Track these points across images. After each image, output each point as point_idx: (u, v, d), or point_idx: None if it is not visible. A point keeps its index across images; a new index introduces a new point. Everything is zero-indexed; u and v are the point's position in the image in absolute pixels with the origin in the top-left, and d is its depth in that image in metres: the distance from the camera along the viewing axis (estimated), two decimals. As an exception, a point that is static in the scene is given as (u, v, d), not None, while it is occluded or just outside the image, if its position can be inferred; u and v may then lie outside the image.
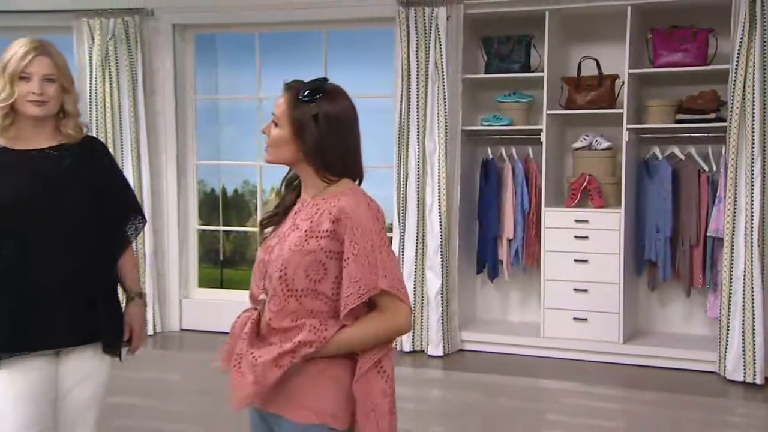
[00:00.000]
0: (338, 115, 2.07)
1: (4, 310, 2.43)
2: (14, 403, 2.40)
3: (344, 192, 2.05)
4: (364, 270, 1.96)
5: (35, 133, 2.50)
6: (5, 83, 2.42)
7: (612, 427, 4.56)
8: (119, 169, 2.78)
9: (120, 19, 6.45)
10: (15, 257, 2.44)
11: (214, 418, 4.53)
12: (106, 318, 2.58)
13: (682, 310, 5.88)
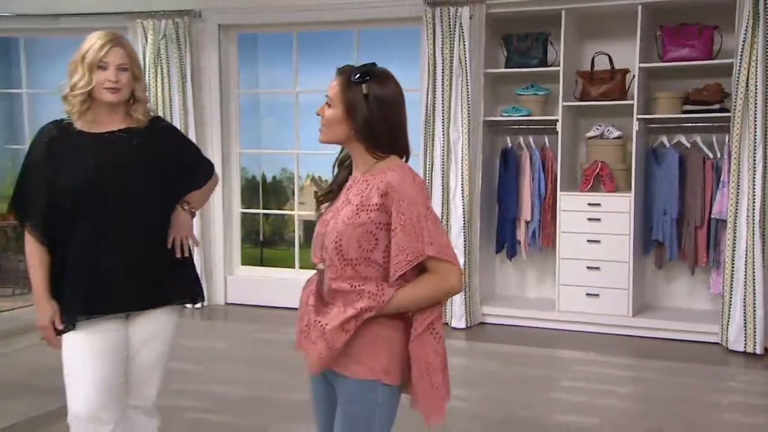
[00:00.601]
0: (386, 95, 2.09)
1: (78, 283, 2.47)
2: (91, 360, 2.45)
3: (391, 167, 2.07)
4: (410, 239, 1.98)
5: (109, 118, 2.52)
6: (84, 72, 2.44)
7: (622, 393, 4.57)
8: (187, 139, 2.78)
9: (171, 20, 6.52)
10: (87, 240, 2.46)
11: (257, 382, 4.63)
12: (174, 282, 2.61)
13: (687, 286, 5.87)
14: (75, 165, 2.47)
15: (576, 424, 3.99)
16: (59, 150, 2.49)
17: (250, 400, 4.30)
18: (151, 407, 2.65)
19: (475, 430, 3.94)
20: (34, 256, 2.52)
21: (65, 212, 2.47)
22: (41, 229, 2.49)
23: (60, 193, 2.46)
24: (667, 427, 3.97)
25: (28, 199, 2.52)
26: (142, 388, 2.61)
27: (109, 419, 2.47)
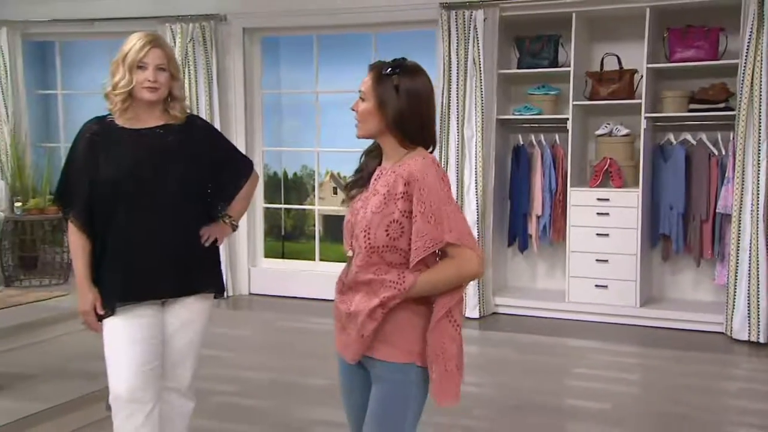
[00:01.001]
0: (416, 87, 2.08)
1: (117, 270, 2.48)
2: (130, 344, 2.46)
3: (414, 158, 2.06)
4: (429, 226, 1.97)
5: (147, 115, 2.52)
6: (125, 72, 2.44)
7: (631, 379, 4.56)
8: (220, 134, 2.76)
9: (198, 24, 6.53)
10: (126, 230, 2.47)
11: (282, 367, 4.64)
12: (207, 272, 2.62)
13: (692, 278, 5.83)
14: (115, 159, 2.48)
15: (588, 409, 3.97)
16: (101, 144, 2.50)
17: (276, 385, 4.30)
18: (187, 389, 2.65)
19: (491, 414, 3.93)
20: (76, 245, 2.53)
21: (105, 203, 2.47)
22: (83, 218, 2.50)
23: (101, 184, 2.47)
24: (677, 412, 3.95)
25: (71, 190, 2.53)
26: (177, 371, 2.61)
27: (148, 400, 2.48)
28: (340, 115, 7.44)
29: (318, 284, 6.54)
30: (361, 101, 2.11)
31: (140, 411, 2.47)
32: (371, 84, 2.09)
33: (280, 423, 3.75)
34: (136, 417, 2.46)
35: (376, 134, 2.11)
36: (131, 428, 2.47)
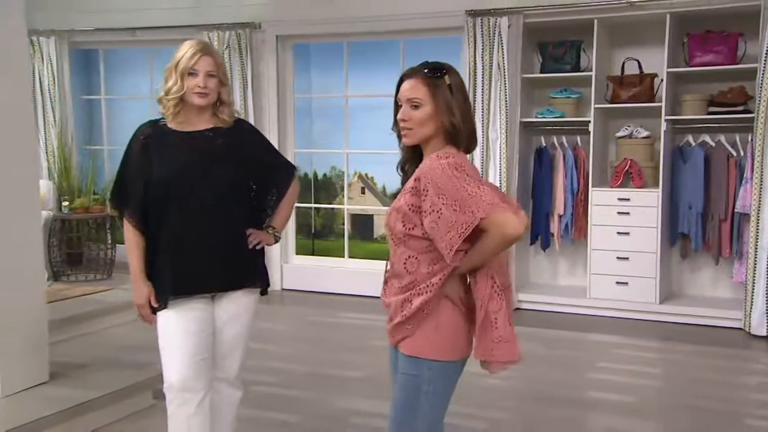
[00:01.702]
0: (461, 83, 2.08)
1: (170, 264, 2.51)
2: (182, 336, 2.49)
3: (430, 156, 2.04)
4: (457, 213, 1.92)
5: (197, 118, 2.55)
6: (177, 78, 2.47)
7: (653, 373, 4.53)
8: (265, 138, 2.77)
9: (234, 31, 6.58)
10: (177, 227, 2.50)
11: (317, 360, 4.66)
12: (253, 268, 2.64)
13: (710, 275, 5.78)
14: (167, 160, 2.51)
15: (613, 402, 3.95)
16: (154, 147, 2.53)
17: (314, 376, 4.33)
18: (235, 379, 2.68)
19: (520, 406, 3.93)
20: (131, 242, 2.56)
21: (158, 202, 2.50)
22: (138, 217, 2.53)
23: (154, 184, 2.50)
24: (699, 405, 3.92)
25: (126, 190, 2.57)
26: (226, 362, 2.63)
27: (199, 389, 2.51)
28: (369, 119, 7.50)
29: (347, 280, 6.57)
30: (413, 109, 2.04)
31: (192, 400, 2.50)
32: (425, 89, 2.03)
33: (319, 413, 3.77)
34: (188, 405, 2.49)
35: (429, 138, 2.06)
36: (184, 416, 2.50)
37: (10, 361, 3.52)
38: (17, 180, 3.58)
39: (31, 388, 3.60)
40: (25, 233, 3.64)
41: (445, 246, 1.96)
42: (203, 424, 2.51)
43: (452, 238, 1.94)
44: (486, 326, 2.00)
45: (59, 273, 6.30)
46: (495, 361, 2.03)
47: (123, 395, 3.71)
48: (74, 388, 3.65)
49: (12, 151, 3.55)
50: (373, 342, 5.04)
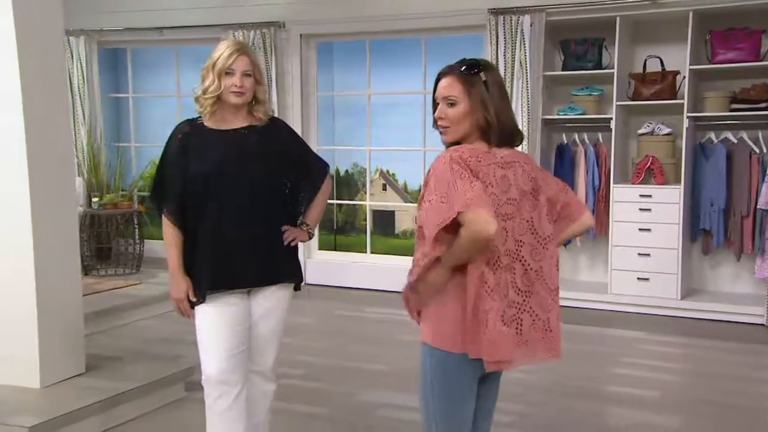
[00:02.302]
0: (499, 80, 2.06)
1: (208, 260, 2.52)
2: (220, 330, 2.51)
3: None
4: (443, 205, 1.92)
5: (233, 117, 2.56)
6: (214, 77, 2.48)
7: (675, 368, 4.51)
8: (298, 136, 2.77)
9: (259, 30, 6.61)
10: (214, 223, 2.51)
11: (343, 353, 4.69)
12: (287, 263, 2.66)
13: (732, 271, 5.73)
14: (204, 157, 2.52)
15: (637, 397, 3.94)
16: (191, 144, 2.55)
17: (339, 369, 4.35)
18: (270, 372, 2.69)
19: (544, 400, 3.92)
20: (170, 238, 2.58)
21: (196, 199, 2.52)
22: (176, 213, 2.55)
23: (192, 181, 2.52)
24: (722, 401, 3.90)
25: (165, 187, 2.58)
26: (261, 355, 2.65)
27: (236, 382, 2.53)
28: (391, 116, 7.48)
29: (369, 275, 6.59)
30: (449, 107, 2.02)
31: (230, 392, 2.52)
32: (461, 86, 2.01)
33: (345, 405, 3.80)
34: (225, 398, 2.51)
35: (466, 135, 2.05)
36: (221, 408, 2.52)
37: (49, 353, 3.56)
38: (55, 177, 3.62)
39: (68, 379, 3.65)
40: (63, 228, 3.68)
41: (428, 235, 1.97)
42: (240, 416, 2.53)
43: (432, 227, 1.94)
44: (476, 324, 1.97)
45: (89, 267, 6.35)
46: (486, 361, 1.98)
47: (156, 387, 3.74)
48: (109, 379, 3.69)
49: (51, 149, 3.59)
50: (397, 336, 5.06)
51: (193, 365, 3.99)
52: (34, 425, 3.12)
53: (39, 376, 3.51)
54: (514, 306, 2.02)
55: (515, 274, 2.02)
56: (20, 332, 3.51)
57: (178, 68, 7.57)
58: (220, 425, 2.52)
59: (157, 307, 5.66)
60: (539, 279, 2.05)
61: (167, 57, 7.61)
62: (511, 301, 2.01)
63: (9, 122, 3.45)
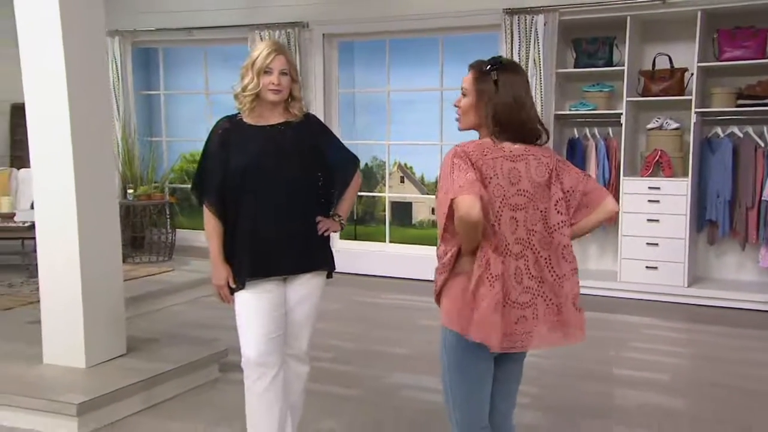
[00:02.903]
0: (514, 83, 2.04)
1: (247, 249, 2.54)
2: (258, 315, 2.54)
3: None
4: (445, 196, 1.96)
5: (271, 113, 2.57)
6: (254, 76, 2.50)
7: (682, 353, 4.51)
8: (330, 131, 2.78)
9: (284, 30, 6.62)
10: (253, 214, 2.53)
11: (368, 337, 4.72)
12: (321, 252, 2.67)
13: (736, 260, 5.71)
14: (244, 152, 2.54)
15: (646, 379, 3.94)
16: (231, 140, 2.56)
17: (365, 353, 4.39)
18: (304, 355, 2.71)
19: (559, 382, 3.93)
20: (211, 228, 2.60)
21: (236, 191, 2.54)
22: (217, 205, 2.57)
23: (232, 174, 2.53)
24: (729, 384, 3.90)
25: (206, 179, 2.60)
26: (295, 339, 2.67)
27: (273, 364, 2.56)
28: (409, 112, 7.47)
29: (388, 263, 6.61)
30: (463, 97, 2.09)
31: (268, 374, 2.54)
32: (472, 80, 2.06)
33: (372, 386, 3.83)
34: (264, 379, 2.54)
35: (476, 127, 2.08)
36: (261, 389, 2.55)
37: (93, 334, 3.62)
38: (98, 172, 3.67)
39: (111, 360, 3.71)
40: (106, 218, 3.73)
41: (439, 227, 2.03)
42: (277, 397, 2.56)
43: (440, 219, 2.00)
44: (470, 304, 1.99)
45: (125, 255, 6.34)
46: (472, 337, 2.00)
47: (192, 368, 3.79)
48: (148, 360, 3.74)
49: (94, 146, 3.63)
50: (416, 321, 5.09)
51: (227, 348, 4.05)
52: (82, 402, 3.18)
53: (84, 356, 3.57)
54: (529, 292, 2.03)
55: (528, 261, 2.03)
56: (67, 317, 3.58)
57: (206, 67, 7.61)
58: (258, 404, 2.55)
59: (189, 292, 5.72)
60: (547, 266, 2.07)
61: (196, 56, 7.64)
62: (525, 287, 2.02)
63: (57, 121, 3.50)
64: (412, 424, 3.35)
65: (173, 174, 7.78)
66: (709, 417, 3.46)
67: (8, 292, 5.31)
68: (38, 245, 3.66)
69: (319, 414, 3.34)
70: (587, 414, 3.48)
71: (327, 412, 3.40)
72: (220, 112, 2.63)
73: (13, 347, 3.92)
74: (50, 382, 3.43)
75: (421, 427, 3.32)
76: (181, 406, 3.55)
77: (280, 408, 2.56)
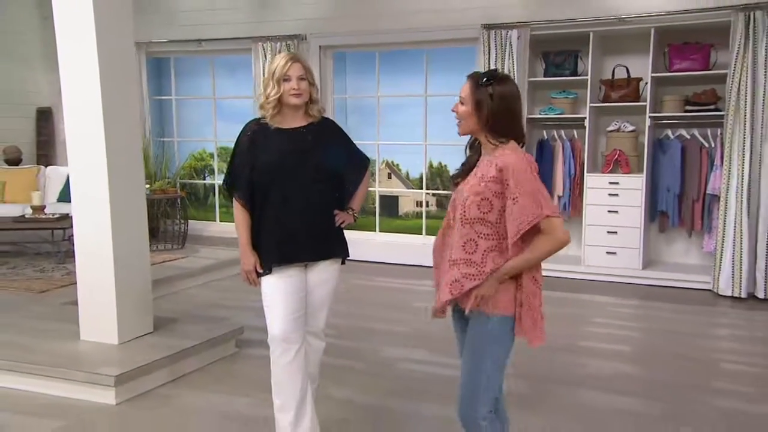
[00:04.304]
0: (506, 94, 2.04)
1: (273, 240, 2.55)
2: (283, 297, 2.55)
3: (507, 150, 2.03)
4: (532, 204, 1.94)
5: (292, 117, 2.58)
6: (274, 84, 2.51)
7: (640, 327, 4.61)
8: (345, 134, 2.76)
9: (284, 42, 6.60)
10: (278, 207, 2.53)
11: (363, 315, 4.75)
12: (337, 242, 2.69)
13: (684, 246, 5.84)
14: (269, 151, 2.55)
15: (611, 351, 4.04)
16: (258, 141, 2.57)
17: (362, 330, 4.43)
18: (321, 332, 2.73)
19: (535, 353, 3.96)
20: (240, 219, 2.60)
21: (264, 186, 2.54)
22: (246, 198, 2.57)
23: (258, 171, 2.54)
24: (681, 353, 4.01)
25: (236, 175, 2.60)
26: (314, 318, 2.68)
27: (296, 340, 2.57)
28: (396, 116, 7.48)
29: (378, 250, 6.65)
30: (460, 104, 2.09)
31: (291, 349, 2.56)
32: (469, 91, 2.06)
33: (373, 360, 3.88)
34: (288, 354, 2.55)
35: (473, 132, 2.10)
36: (285, 363, 2.56)
37: (125, 314, 3.62)
38: (129, 164, 3.67)
39: (140, 337, 3.72)
40: (135, 207, 3.72)
41: (513, 227, 1.96)
42: (299, 369, 2.57)
43: (521, 223, 1.94)
44: (532, 316, 2.04)
45: (142, 244, 6.37)
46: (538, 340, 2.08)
47: (212, 344, 3.80)
48: (173, 338, 3.75)
49: (126, 142, 3.64)
50: (407, 302, 5.15)
51: (243, 326, 4.07)
52: (119, 374, 3.19)
53: (117, 334, 3.57)
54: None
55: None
56: (101, 298, 3.58)
57: (213, 74, 7.55)
58: (283, 375, 2.57)
59: (202, 277, 5.72)
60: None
61: (204, 65, 7.59)
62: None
63: (92, 121, 3.49)
64: (412, 391, 3.41)
65: (183, 171, 7.73)
66: (664, 380, 3.56)
67: (42, 277, 5.27)
68: (75, 234, 3.65)
69: (331, 383, 3.37)
70: (556, 381, 3.55)
71: (338, 382, 3.44)
72: (226, 115, 2.64)
73: (51, 326, 3.91)
74: (88, 356, 3.44)
75: (420, 393, 3.38)
76: (203, 378, 3.57)
77: (302, 378, 2.58)
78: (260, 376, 3.52)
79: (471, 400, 2.12)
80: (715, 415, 3.12)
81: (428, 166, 6.94)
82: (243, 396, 3.31)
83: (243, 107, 7.19)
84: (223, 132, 7.50)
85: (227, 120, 7.53)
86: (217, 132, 7.56)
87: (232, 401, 3.27)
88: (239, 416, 3.10)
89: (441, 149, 6.82)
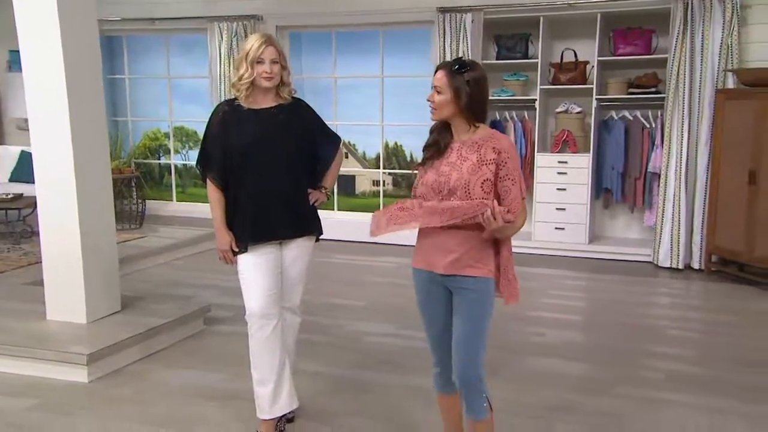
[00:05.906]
0: (480, 78, 2.14)
1: (248, 219, 2.57)
2: (260, 274, 2.57)
3: (495, 134, 2.16)
4: (517, 188, 2.11)
5: (264, 98, 2.59)
6: (248, 66, 2.51)
7: (588, 297, 4.83)
8: (317, 114, 2.78)
9: (240, 22, 6.51)
10: (251, 186, 2.55)
11: (324, 291, 4.80)
12: (312, 219, 2.72)
13: (626, 221, 6.10)
14: (241, 132, 2.56)
15: (564, 320, 4.23)
16: (230, 121, 2.58)
17: (326, 305, 4.49)
18: (296, 308, 2.78)
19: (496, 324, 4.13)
20: (214, 199, 2.61)
21: (238, 166, 2.55)
22: (219, 178, 2.59)
23: (231, 152, 2.55)
24: (627, 321, 4.23)
25: (209, 156, 2.61)
26: (290, 294, 2.72)
27: (273, 315, 2.61)
28: (352, 96, 7.50)
29: (336, 228, 6.66)
30: (437, 93, 2.15)
31: (269, 324, 2.59)
32: (446, 80, 2.13)
33: (337, 334, 3.95)
34: (265, 329, 2.59)
35: (449, 117, 2.17)
36: (263, 337, 2.59)
37: (93, 293, 3.59)
38: (93, 140, 3.59)
39: (108, 315, 3.69)
40: (102, 186, 3.66)
41: (517, 207, 2.10)
42: (277, 342, 2.61)
43: (517, 205, 2.10)
44: (508, 278, 2.26)
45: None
46: (513, 298, 2.29)
47: (180, 322, 3.80)
48: (141, 316, 3.73)
49: (89, 117, 3.55)
50: (365, 277, 5.22)
51: (210, 304, 4.08)
52: (91, 353, 3.17)
53: (85, 313, 3.54)
54: None
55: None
56: (68, 277, 3.53)
57: (168, 54, 7.37)
58: (261, 350, 2.60)
59: (162, 256, 5.67)
60: None
61: (157, 44, 7.40)
62: None
63: (55, 97, 3.41)
64: (378, 362, 3.51)
65: (138, 151, 7.56)
66: (611, 345, 3.78)
67: (-3, 259, 5.12)
68: (40, 214, 3.57)
69: (299, 358, 3.41)
70: (512, 350, 3.69)
71: (306, 356, 3.49)
72: (182, 95, 2.62)
73: (15, 306, 3.83)
74: (57, 335, 3.40)
75: (385, 363, 3.49)
76: (174, 354, 3.58)
77: (280, 352, 2.61)
78: (230, 351, 3.57)
79: (474, 361, 2.24)
80: (660, 376, 3.35)
81: (384, 146, 7.01)
82: (216, 372, 3.34)
83: (199, 86, 7.06)
84: (179, 111, 7.36)
85: (183, 100, 7.38)
86: (173, 111, 7.43)
87: (205, 376, 3.30)
88: (214, 391, 3.13)
89: (397, 129, 6.90)
